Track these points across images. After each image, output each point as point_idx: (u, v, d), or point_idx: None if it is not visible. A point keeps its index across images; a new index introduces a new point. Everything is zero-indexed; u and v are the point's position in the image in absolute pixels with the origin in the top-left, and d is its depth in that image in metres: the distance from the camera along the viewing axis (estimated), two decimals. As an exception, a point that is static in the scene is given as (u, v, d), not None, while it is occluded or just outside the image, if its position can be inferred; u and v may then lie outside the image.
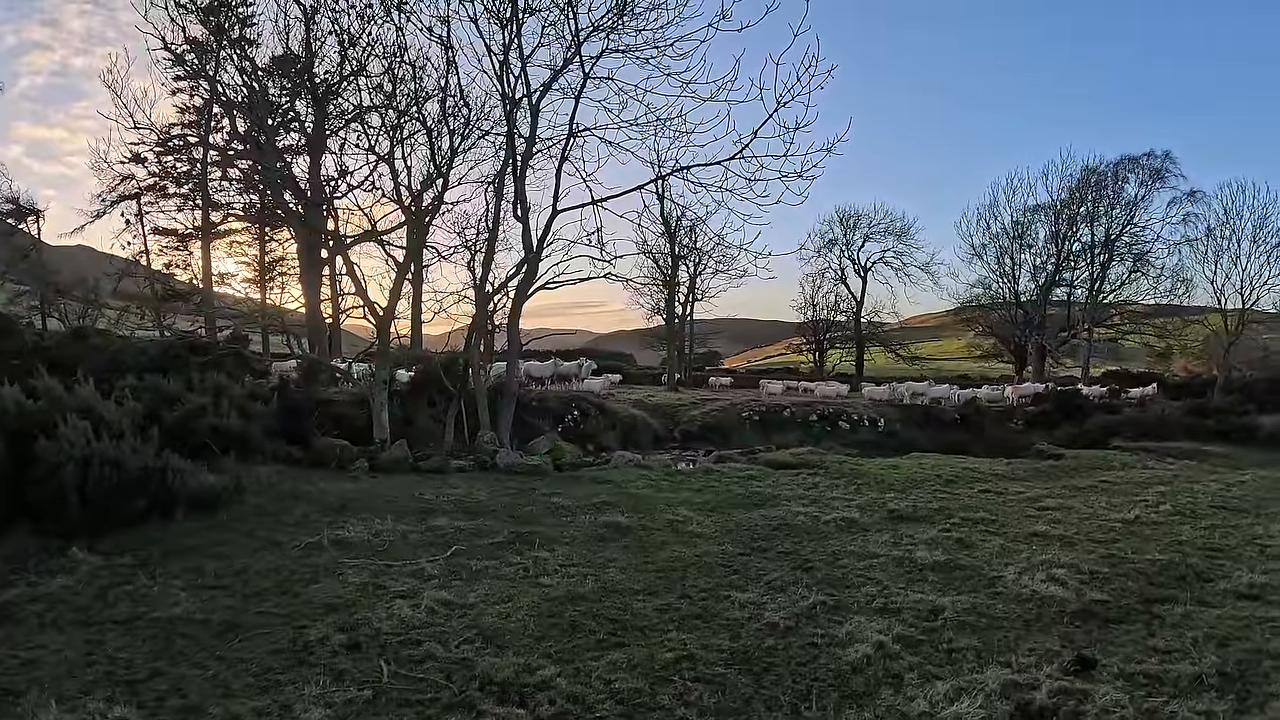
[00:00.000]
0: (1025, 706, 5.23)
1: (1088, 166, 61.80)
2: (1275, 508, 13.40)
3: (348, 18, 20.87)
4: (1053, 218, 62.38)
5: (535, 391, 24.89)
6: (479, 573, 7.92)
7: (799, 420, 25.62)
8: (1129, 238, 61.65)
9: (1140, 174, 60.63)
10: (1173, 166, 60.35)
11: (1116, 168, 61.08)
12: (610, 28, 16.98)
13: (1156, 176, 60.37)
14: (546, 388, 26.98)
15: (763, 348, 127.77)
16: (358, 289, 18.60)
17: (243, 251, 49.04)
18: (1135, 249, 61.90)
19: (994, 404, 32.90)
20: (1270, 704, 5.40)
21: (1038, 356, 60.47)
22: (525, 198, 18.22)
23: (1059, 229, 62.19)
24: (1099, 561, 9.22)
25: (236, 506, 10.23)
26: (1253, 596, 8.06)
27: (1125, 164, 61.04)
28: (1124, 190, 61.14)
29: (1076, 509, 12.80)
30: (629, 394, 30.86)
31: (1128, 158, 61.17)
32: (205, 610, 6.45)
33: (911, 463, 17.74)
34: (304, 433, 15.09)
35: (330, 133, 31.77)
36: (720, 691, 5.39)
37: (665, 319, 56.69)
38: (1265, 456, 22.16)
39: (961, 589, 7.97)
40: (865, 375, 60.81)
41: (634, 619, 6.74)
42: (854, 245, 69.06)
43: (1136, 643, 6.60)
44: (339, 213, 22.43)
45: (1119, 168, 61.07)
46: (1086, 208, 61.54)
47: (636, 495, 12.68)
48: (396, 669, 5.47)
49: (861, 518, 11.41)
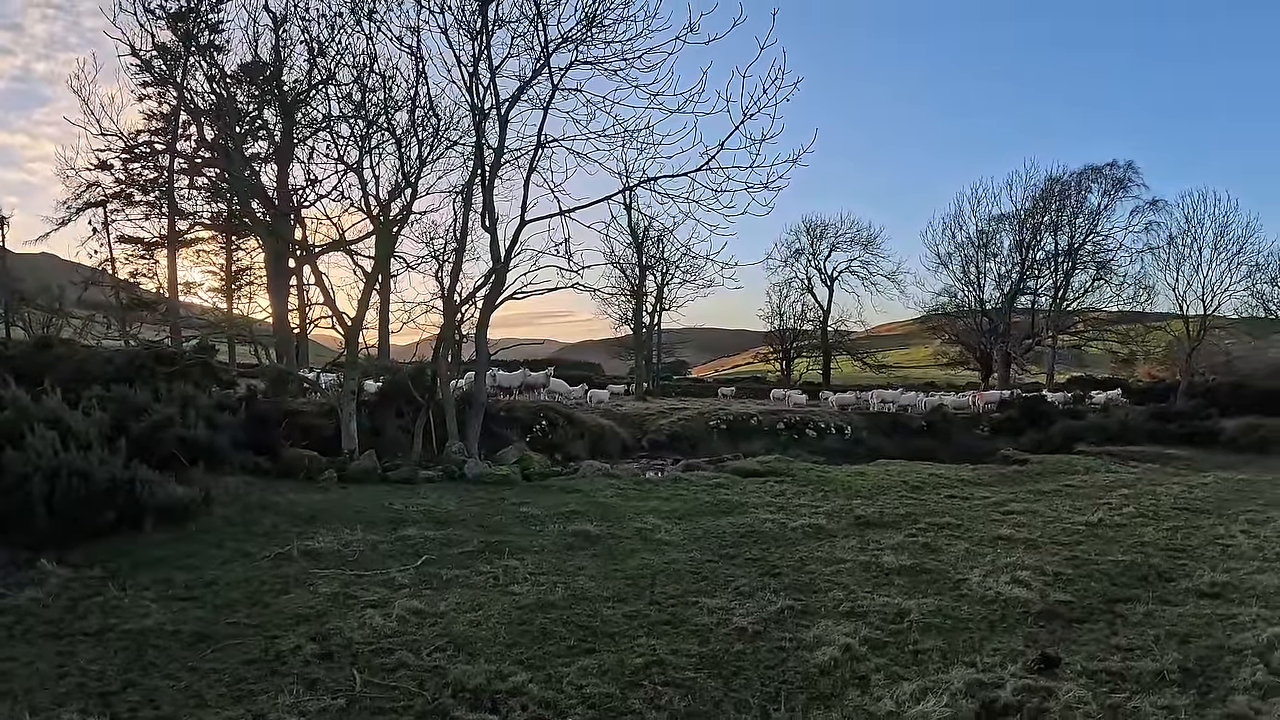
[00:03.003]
0: (990, 705, 5.33)
1: (1051, 176, 62.47)
2: (1237, 509, 13.72)
3: (317, 26, 20.87)
4: (1017, 227, 63.02)
5: (503, 401, 24.90)
6: (449, 582, 7.96)
7: (766, 429, 25.75)
8: (1092, 246, 62.38)
9: (1103, 183, 61.36)
10: (1135, 176, 61.10)
11: (1080, 177, 61.80)
12: (579, 39, 17.13)
13: (1119, 186, 61.11)
14: (514, 397, 26.98)
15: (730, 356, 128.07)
16: (326, 299, 18.58)
17: (209, 260, 48.77)
18: (1098, 257, 62.62)
19: (960, 411, 33.21)
20: (1231, 698, 5.53)
21: (1003, 363, 61.01)
22: (493, 208, 18.32)
23: (1023, 238, 62.82)
24: (1063, 563, 9.42)
25: (205, 518, 10.19)
26: (1214, 595, 8.28)
27: (1088, 174, 61.76)
28: (1087, 199, 61.86)
29: (1041, 512, 13.04)
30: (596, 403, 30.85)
31: (1091, 167, 61.87)
32: (176, 621, 6.44)
33: (878, 469, 17.93)
34: (272, 443, 15.06)
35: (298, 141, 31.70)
36: (690, 695, 5.45)
37: (633, 328, 56.76)
38: (1227, 459, 22.60)
39: (927, 592, 8.11)
40: (832, 383, 61.04)
41: (604, 625, 6.79)
42: (821, 255, 69.53)
43: (1100, 641, 6.75)
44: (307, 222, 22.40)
45: (1082, 177, 61.79)
46: (1050, 217, 62.21)
47: (605, 504, 12.74)
48: (369, 678, 5.49)
49: (829, 524, 11.55)
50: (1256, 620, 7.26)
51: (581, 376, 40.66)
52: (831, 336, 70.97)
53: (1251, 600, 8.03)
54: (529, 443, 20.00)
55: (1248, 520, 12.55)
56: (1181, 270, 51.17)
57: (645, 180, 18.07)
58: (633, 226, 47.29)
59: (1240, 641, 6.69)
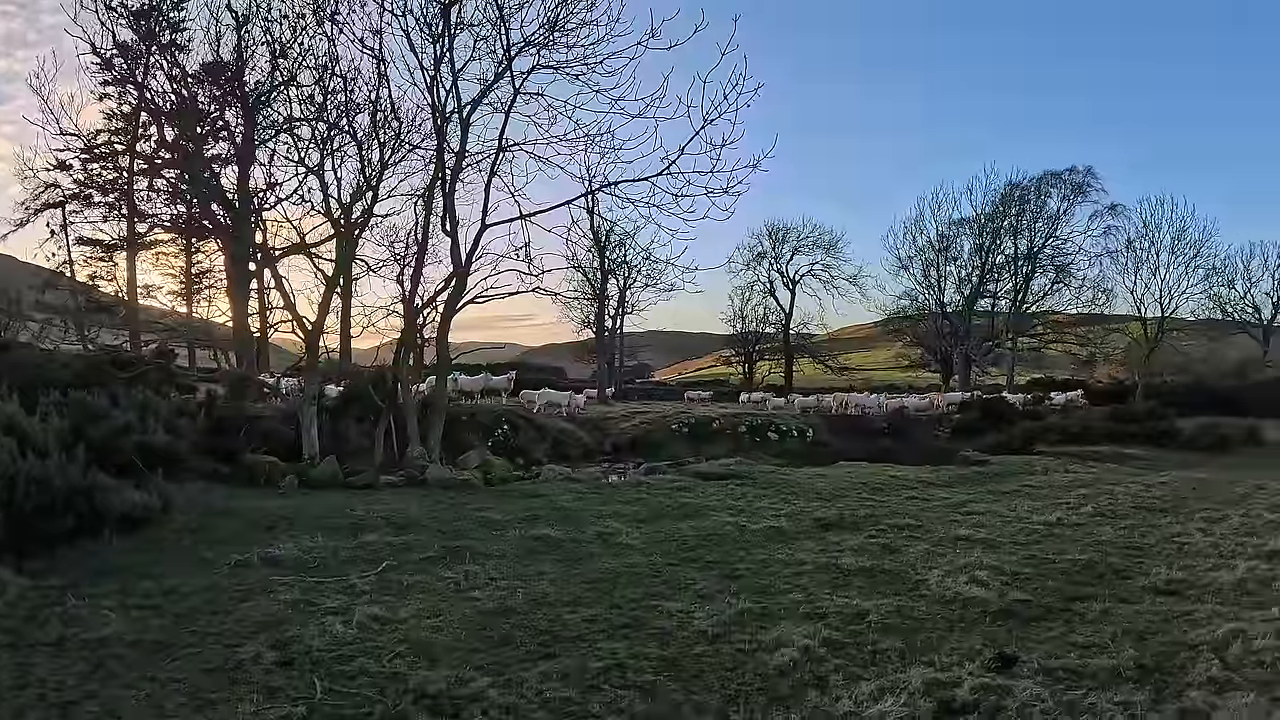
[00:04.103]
0: (948, 704, 5.41)
1: (1011, 181, 63.23)
2: (1193, 507, 13.94)
3: (280, 27, 20.78)
4: (977, 230, 63.69)
5: (465, 405, 24.85)
6: (410, 587, 7.97)
7: (728, 431, 25.83)
8: (1051, 250, 63.29)
9: (1062, 188, 62.31)
10: (1094, 181, 62.11)
11: (1039, 182, 62.68)
12: (542, 44, 17.13)
13: (1078, 191, 62.06)
14: (476, 402, 26.93)
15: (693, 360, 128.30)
16: (286, 303, 18.54)
17: (169, 263, 48.34)
18: (1057, 261, 63.55)
19: (921, 413, 33.51)
20: (1187, 693, 5.64)
21: (964, 366, 61.61)
22: (454, 212, 18.27)
23: (983, 242, 63.52)
24: (1021, 563, 9.54)
25: (165, 525, 10.14)
26: (1170, 592, 8.45)
27: (1048, 179, 62.67)
28: (1046, 204, 62.76)
29: (1000, 513, 13.20)
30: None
31: (1050, 173, 62.81)
32: (137, 630, 6.42)
33: (839, 472, 18.00)
34: (232, 449, 14.99)
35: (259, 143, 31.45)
36: (650, 698, 5.49)
37: (595, 332, 56.75)
38: (1184, 458, 22.93)
39: (886, 593, 8.19)
40: (795, 386, 61.36)
41: (564, 630, 6.82)
42: (783, 258, 69.88)
43: (1057, 639, 6.87)
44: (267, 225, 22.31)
45: (1042, 182, 62.69)
46: (1010, 221, 62.98)
47: (566, 508, 12.76)
48: (330, 685, 5.50)
49: (789, 526, 11.63)
50: (1212, 617, 7.42)
51: (544, 380, 40.63)
52: (794, 339, 71.26)
53: (1208, 597, 8.21)
54: (491, 447, 19.97)
55: (1204, 518, 12.79)
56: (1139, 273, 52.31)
57: (606, 184, 18.22)
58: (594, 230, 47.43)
59: (1196, 638, 6.83)
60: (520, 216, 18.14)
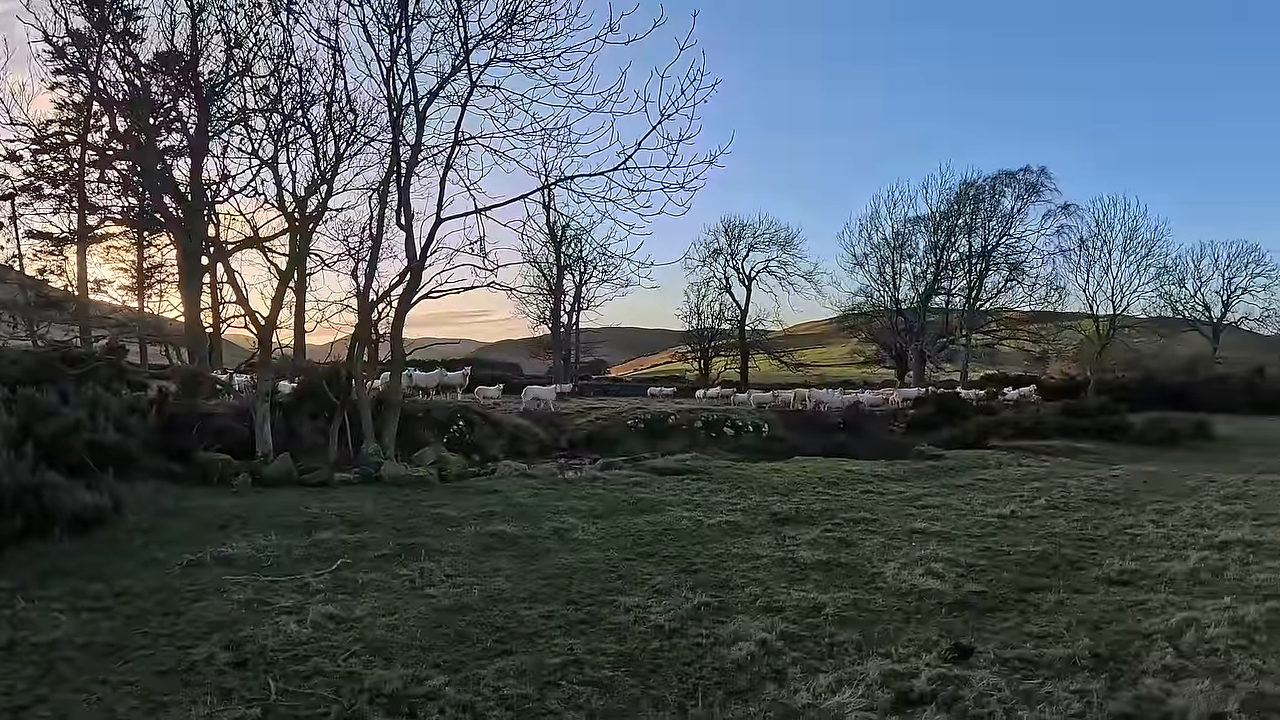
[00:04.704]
0: (905, 694, 5.47)
1: (966, 180, 64.02)
2: (1145, 499, 14.19)
3: (235, 16, 20.59)
4: (932, 229, 64.47)
5: (420, 402, 24.72)
6: (365, 585, 7.93)
7: (684, 427, 25.85)
8: (1005, 248, 64.39)
9: (1017, 188, 63.40)
10: (1048, 181, 63.23)
11: (994, 182, 63.69)
12: (499, 36, 17.06)
13: (1032, 190, 63.16)
14: (431, 398, 26.81)
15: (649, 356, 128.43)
16: (239, 297, 18.35)
17: (120, 257, 47.84)
18: (1011, 259, 64.67)
19: (876, 408, 33.75)
20: (1142, 681, 5.75)
21: (918, 361, 62.28)
22: (409, 205, 18.18)
23: (938, 239, 64.43)
24: (976, 555, 9.67)
25: (117, 525, 10.00)
26: (1124, 582, 8.62)
27: (1002, 178, 63.71)
28: (1001, 203, 63.81)
29: (955, 506, 13.35)
30: (515, 404, 30.72)
31: (1005, 172, 63.86)
32: (87, 633, 6.34)
33: (795, 466, 18.10)
34: (185, 447, 14.82)
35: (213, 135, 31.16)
36: (608, 694, 5.51)
37: (551, 328, 56.76)
38: (1136, 452, 23.23)
39: (843, 586, 8.27)
40: (751, 382, 61.70)
41: (521, 626, 6.82)
42: (739, 255, 70.52)
43: (1012, 629, 6.97)
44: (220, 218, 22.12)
45: (996, 182, 63.71)
46: (965, 219, 63.89)
47: (522, 504, 12.75)
48: (284, 685, 5.47)
49: (745, 521, 11.70)
50: (1165, 606, 7.59)
51: (499, 377, 40.60)
52: (749, 336, 71.74)
53: (1160, 587, 8.38)
54: (447, 443, 19.87)
55: (1156, 510, 13.03)
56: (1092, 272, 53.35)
57: (562, 179, 18.16)
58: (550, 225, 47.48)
59: (1150, 626, 6.99)
60: (476, 210, 18.09)
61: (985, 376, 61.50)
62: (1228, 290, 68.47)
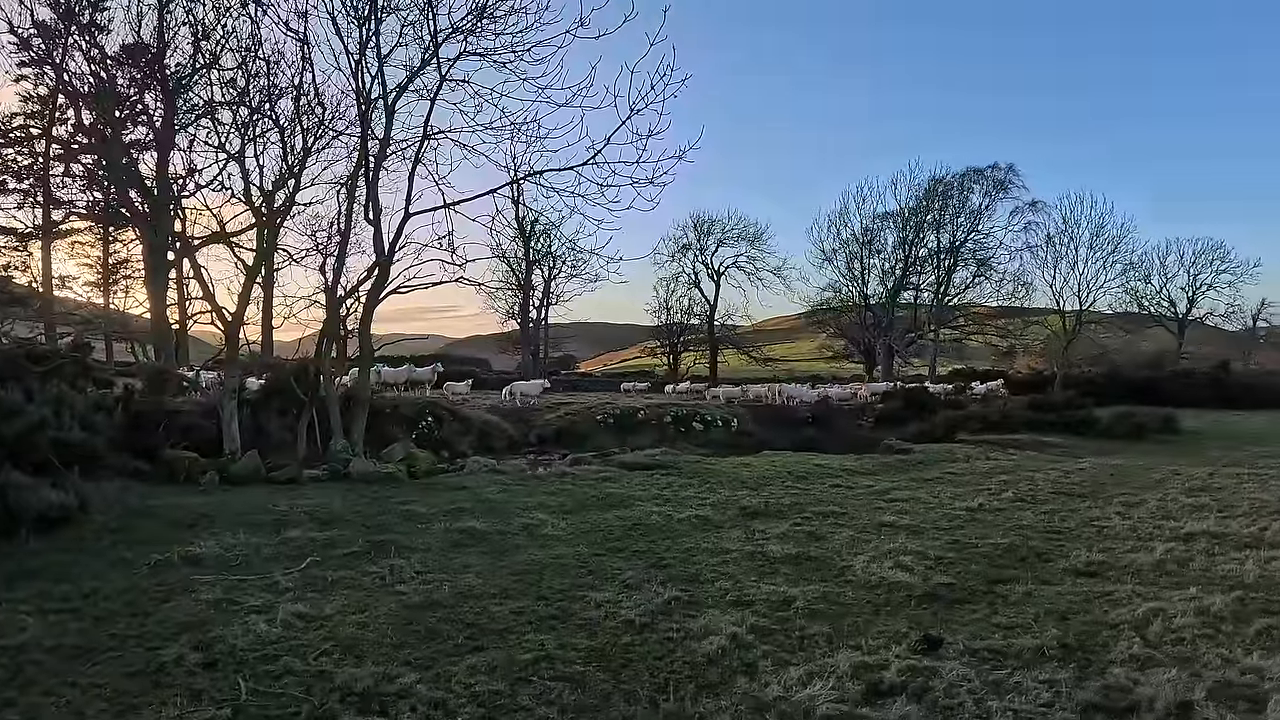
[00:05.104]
0: (875, 686, 5.54)
1: (935, 177, 64.50)
2: (1111, 492, 14.40)
3: (203, 8, 20.45)
4: (900, 224, 64.84)
5: (389, 398, 24.62)
6: (335, 583, 7.92)
7: (653, 422, 25.89)
8: (973, 244, 65.00)
9: (985, 185, 63.97)
10: (1016, 178, 63.91)
11: (962, 178, 64.22)
12: (469, 30, 17.02)
13: (1000, 187, 63.74)
14: (400, 394, 26.72)
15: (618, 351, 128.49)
16: (205, 293, 18.21)
17: (85, 253, 47.29)
18: (979, 255, 65.29)
19: (845, 402, 33.90)
20: (1109, 670, 5.86)
21: (886, 356, 62.63)
22: (378, 200, 18.09)
23: (907, 235, 64.85)
24: (944, 547, 9.81)
25: (84, 525, 9.94)
26: (1091, 573, 8.76)
27: (971, 175, 64.21)
28: (969, 200, 64.35)
29: (923, 499, 13.50)
30: (484, 399, 30.76)
31: (973, 169, 64.37)
32: (55, 635, 6.31)
33: (764, 461, 18.19)
34: (151, 445, 14.71)
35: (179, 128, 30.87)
36: (580, 689, 5.53)
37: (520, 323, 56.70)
38: (1102, 446, 23.49)
39: (812, 579, 8.35)
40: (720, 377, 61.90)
41: (492, 622, 6.84)
42: (708, 250, 70.63)
43: (981, 621, 7.08)
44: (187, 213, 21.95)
45: (965, 178, 64.22)
46: (933, 215, 64.37)
47: (492, 500, 12.77)
48: (255, 685, 5.45)
49: (715, 515, 11.78)
50: (1132, 596, 7.74)
51: (467, 373, 40.53)
52: (718, 331, 71.91)
53: (1127, 578, 8.53)
54: (415, 440, 19.80)
55: (1122, 503, 13.24)
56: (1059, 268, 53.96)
57: (531, 174, 18.17)
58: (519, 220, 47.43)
59: (1117, 617, 7.13)
60: (444, 205, 18.00)
61: (953, 371, 61.97)
62: (1193, 286, 69.47)
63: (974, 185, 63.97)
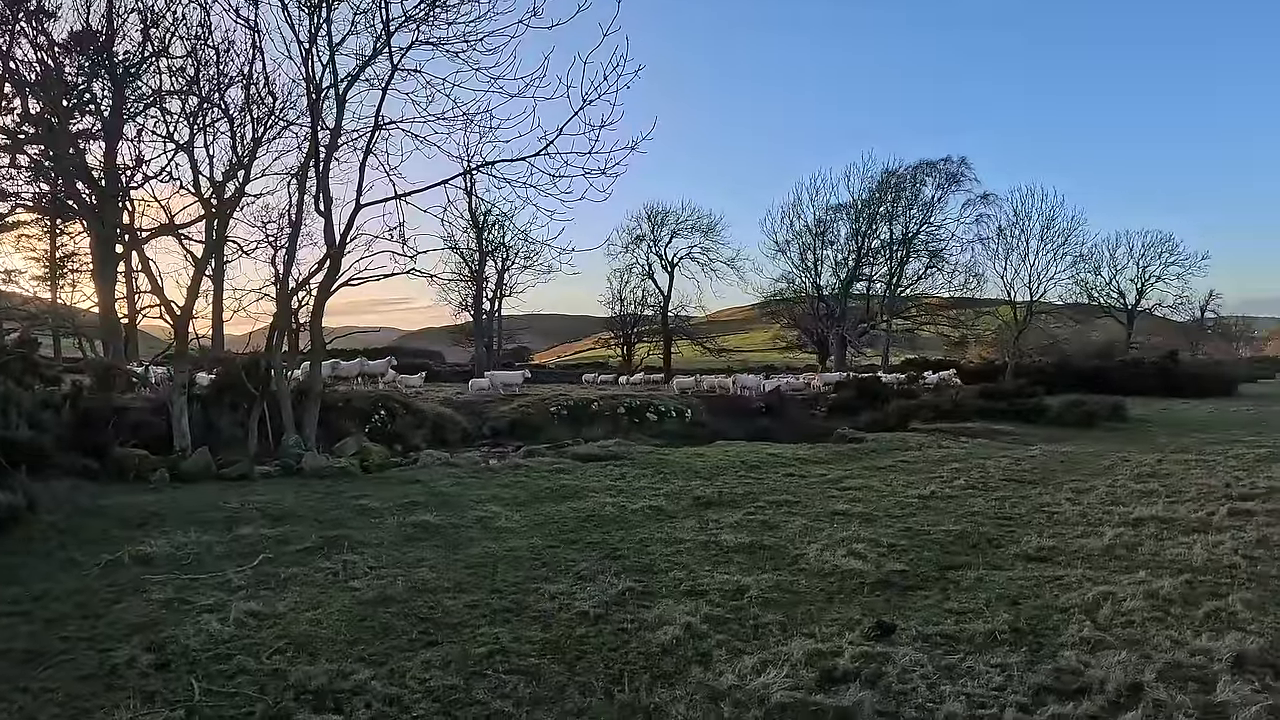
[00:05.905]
0: (829, 673, 5.60)
1: (888, 169, 65.11)
2: (1061, 479, 14.70)
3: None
4: (854, 216, 65.37)
5: (341, 391, 24.47)
6: (288, 580, 7.90)
7: (607, 413, 25.91)
8: (925, 236, 65.77)
9: (937, 177, 64.67)
10: (968, 171, 64.68)
11: (915, 171, 64.84)
12: (422, 19, 16.90)
13: (952, 180, 64.50)
14: (353, 387, 26.57)
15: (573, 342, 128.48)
16: (154, 287, 18.04)
17: (32, 246, 46.49)
18: (931, 246, 66.04)
19: (798, 392, 34.17)
20: (1061, 653, 5.98)
21: (839, 347, 63.14)
22: (329, 191, 17.96)
23: (860, 227, 65.48)
24: (897, 535, 9.95)
25: (32, 525, 9.81)
26: (1041, 559, 8.94)
27: (923, 168, 64.87)
28: (922, 192, 65.02)
29: (876, 487, 13.64)
30: (437, 392, 30.62)
31: (926, 162, 65.07)
32: (5, 639, 6.25)
33: (717, 451, 18.33)
34: (100, 443, 14.52)
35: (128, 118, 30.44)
36: (535, 681, 5.55)
37: (473, 315, 56.52)
38: (1052, 433, 23.82)
39: (766, 568, 8.45)
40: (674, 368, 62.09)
41: (446, 616, 6.86)
42: (661, 241, 70.69)
43: (933, 607, 7.20)
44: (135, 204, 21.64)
45: (918, 171, 64.88)
46: (886, 207, 64.98)
47: (445, 494, 12.78)
48: (208, 686, 5.43)
49: (668, 505, 11.87)
50: (1082, 581, 7.90)
51: (421, 365, 40.39)
52: (672, 322, 72.04)
53: (1077, 562, 8.72)
54: (368, 433, 19.67)
55: (1072, 489, 13.50)
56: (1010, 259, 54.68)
57: (484, 164, 18.04)
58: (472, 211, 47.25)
59: (1067, 601, 7.28)
60: (396, 196, 17.93)
61: (906, 361, 62.74)
62: (1142, 278, 70.65)
63: (926, 178, 64.71)
